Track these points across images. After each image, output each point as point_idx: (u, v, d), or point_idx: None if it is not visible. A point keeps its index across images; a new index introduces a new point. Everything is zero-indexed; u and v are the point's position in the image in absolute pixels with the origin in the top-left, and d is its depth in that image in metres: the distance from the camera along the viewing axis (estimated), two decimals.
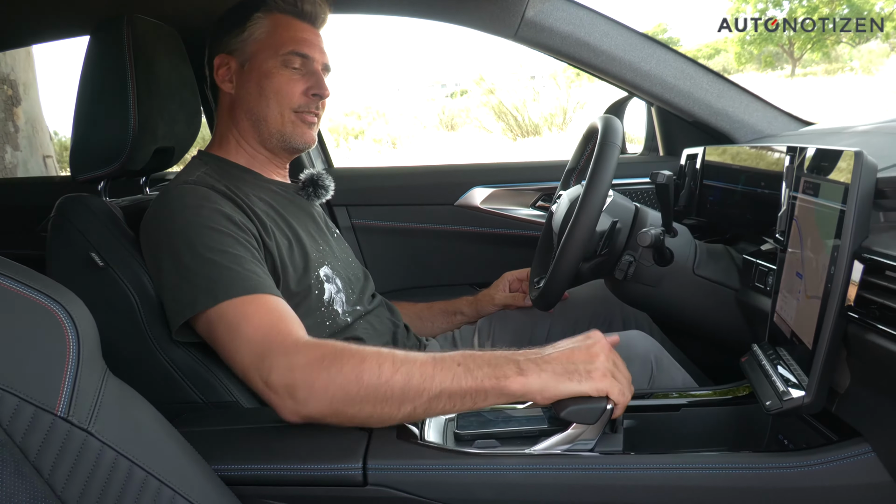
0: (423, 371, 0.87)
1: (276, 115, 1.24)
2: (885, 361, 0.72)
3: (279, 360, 0.91)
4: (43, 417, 0.66)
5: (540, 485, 0.85)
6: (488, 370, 0.87)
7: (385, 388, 0.87)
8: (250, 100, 1.24)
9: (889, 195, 0.83)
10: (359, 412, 0.88)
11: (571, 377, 0.86)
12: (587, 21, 1.52)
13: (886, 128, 1.12)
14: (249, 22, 1.24)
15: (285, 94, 1.23)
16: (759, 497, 0.83)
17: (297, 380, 0.89)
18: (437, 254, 1.92)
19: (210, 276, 1.01)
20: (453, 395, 0.87)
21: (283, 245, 1.17)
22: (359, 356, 0.89)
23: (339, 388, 0.87)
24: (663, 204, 1.20)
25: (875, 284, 0.75)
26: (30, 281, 0.69)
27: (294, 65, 1.23)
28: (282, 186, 1.32)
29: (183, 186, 1.12)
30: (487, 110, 13.99)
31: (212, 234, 1.05)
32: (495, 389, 0.86)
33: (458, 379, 0.87)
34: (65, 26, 1.58)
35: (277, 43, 1.23)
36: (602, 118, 1.22)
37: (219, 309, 0.99)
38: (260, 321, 0.96)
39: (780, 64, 26.74)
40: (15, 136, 3.65)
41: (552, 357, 0.88)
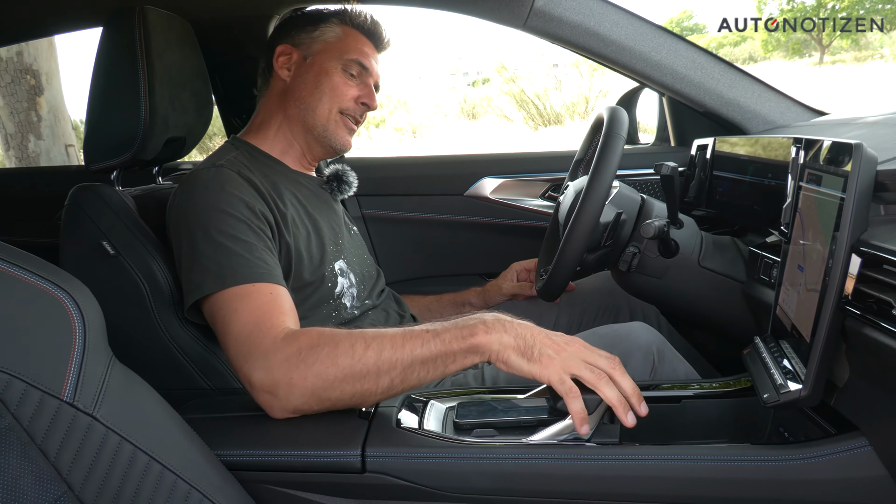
0: (393, 343, 0.91)
1: (325, 110, 1.29)
2: (882, 356, 0.72)
3: (259, 362, 0.94)
4: (49, 402, 0.68)
5: (535, 474, 0.86)
6: (455, 331, 0.91)
7: (360, 365, 0.90)
8: (304, 90, 1.29)
9: (890, 188, 0.82)
10: (341, 394, 0.91)
11: (523, 353, 0.89)
12: (597, 10, 1.51)
13: (894, 119, 1.11)
14: (324, 24, 1.32)
15: (339, 93, 1.29)
16: (753, 489, 0.84)
17: (276, 378, 0.92)
18: (446, 244, 1.92)
19: (220, 261, 1.04)
20: (426, 361, 0.90)
21: (302, 235, 1.21)
22: (332, 341, 0.92)
23: (317, 377, 0.91)
24: (668, 195, 1.19)
25: (873, 278, 0.75)
26: (37, 269, 0.72)
27: (352, 71, 1.30)
28: (308, 179, 1.36)
29: (210, 169, 1.15)
30: (509, 99, 13.91)
31: (227, 218, 1.08)
32: (462, 349, 0.90)
33: (427, 344, 0.90)
34: (79, 18, 1.61)
35: (343, 49, 1.30)
36: (608, 109, 1.22)
37: (219, 297, 1.02)
38: (248, 317, 0.99)
39: (808, 51, 26.26)
40: (38, 126, 3.72)
41: (522, 329, 0.92)
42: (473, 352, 0.90)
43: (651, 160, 1.77)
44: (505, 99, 14.15)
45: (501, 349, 0.89)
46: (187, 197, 1.13)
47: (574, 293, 1.51)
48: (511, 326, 0.92)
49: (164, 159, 1.35)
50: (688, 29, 46.69)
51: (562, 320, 1.48)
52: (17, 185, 2.24)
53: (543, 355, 0.89)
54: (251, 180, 1.16)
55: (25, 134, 3.62)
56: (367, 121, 12.44)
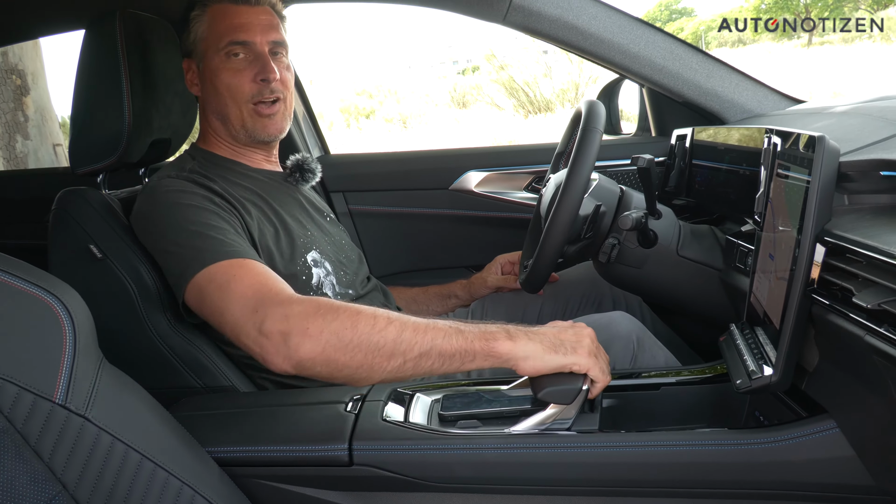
0: (416, 327, 0.90)
1: (236, 112, 1.25)
2: (846, 341, 0.75)
3: (274, 310, 0.92)
4: (42, 405, 0.70)
5: (516, 463, 0.89)
6: (478, 332, 0.90)
7: (378, 337, 0.89)
8: (212, 100, 1.26)
9: (853, 178, 0.85)
10: (350, 360, 0.89)
11: (557, 350, 0.90)
12: (575, 4, 1.52)
13: (865, 108, 1.13)
14: (191, 22, 1.25)
15: (235, 87, 1.22)
16: (727, 472, 0.87)
17: (292, 326, 0.90)
18: (432, 237, 1.95)
19: (196, 246, 1.05)
20: (443, 354, 0.89)
21: (269, 232, 1.21)
22: (354, 309, 0.92)
23: (333, 334, 0.89)
24: (646, 187, 1.22)
25: (836, 267, 0.77)
26: (27, 275, 0.74)
27: (236, 53, 1.22)
28: (269, 175, 1.35)
29: (165, 180, 1.17)
30: (499, 87, 13.89)
31: (195, 210, 1.10)
32: (483, 350, 0.90)
33: (450, 338, 0.89)
34: (60, 21, 1.62)
35: (217, 36, 1.22)
36: (586, 103, 1.24)
37: (207, 272, 1.01)
38: (251, 280, 0.98)
39: (796, 33, 26.28)
40: (25, 126, 3.71)
41: (542, 331, 0.93)
42: (493, 356, 0.90)
43: (632, 150, 1.79)
44: (495, 87, 14.12)
45: (529, 356, 0.89)
46: (149, 202, 1.14)
47: (557, 284, 1.54)
48: (535, 334, 0.92)
49: (151, 160, 1.36)
50: (676, 12, 46.58)
51: (546, 311, 1.50)
52: (5, 187, 2.24)
53: (576, 346, 0.91)
54: (210, 187, 1.17)
55: (13, 134, 3.62)
56: (357, 112, 12.21)
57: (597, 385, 0.92)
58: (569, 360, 0.89)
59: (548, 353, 0.90)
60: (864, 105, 1.17)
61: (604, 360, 0.94)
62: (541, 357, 0.89)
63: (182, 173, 1.20)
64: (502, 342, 0.90)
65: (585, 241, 1.26)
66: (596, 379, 0.91)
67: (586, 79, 12.36)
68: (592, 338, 0.94)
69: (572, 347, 0.91)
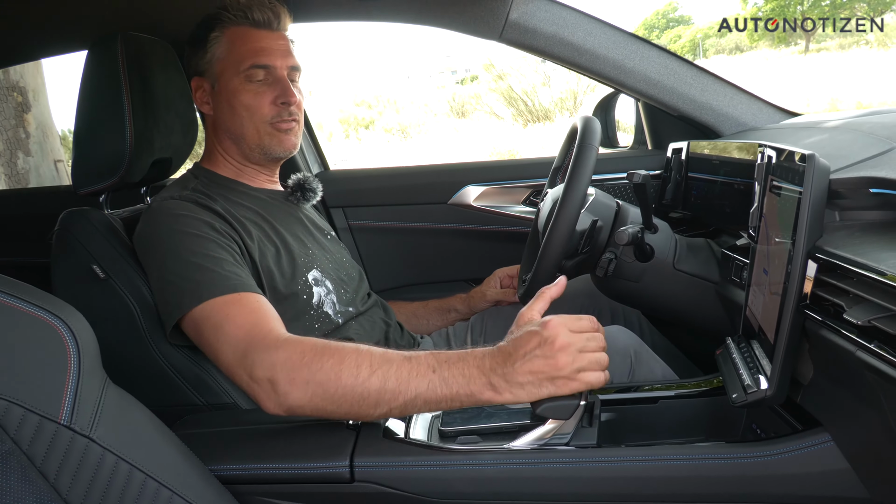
0: (398, 375, 0.89)
1: (252, 132, 1.27)
2: (839, 356, 0.76)
3: (261, 356, 0.94)
4: (47, 426, 0.71)
5: (516, 478, 0.90)
6: (462, 381, 0.88)
7: (361, 389, 0.89)
8: (226, 120, 1.28)
9: (844, 195, 0.86)
10: (337, 409, 0.91)
11: (541, 388, 0.87)
12: (570, 21, 1.54)
13: (856, 123, 1.15)
14: (209, 43, 1.27)
15: (255, 108, 1.26)
16: (724, 485, 0.88)
17: (279, 374, 0.92)
18: (432, 251, 1.96)
19: (193, 279, 1.06)
20: (429, 401, 0.89)
21: (270, 252, 1.22)
22: (338, 355, 0.92)
23: (318, 385, 0.90)
24: (642, 202, 1.23)
25: (828, 283, 0.78)
26: (31, 298, 0.75)
27: (258, 77, 1.25)
28: (270, 194, 1.36)
29: (168, 202, 1.18)
30: (497, 96, 13.94)
31: (194, 239, 1.11)
32: (469, 399, 0.89)
33: (434, 388, 0.89)
34: (63, 43, 1.64)
35: (237, 59, 1.25)
36: (582, 119, 1.26)
37: (203, 309, 1.03)
38: (242, 320, 1.00)
39: (793, 39, 26.38)
40: (26, 142, 3.73)
41: (517, 372, 0.87)
42: (480, 404, 0.90)
43: (629, 164, 1.81)
44: (494, 96, 14.17)
45: (517, 400, 0.88)
46: (151, 225, 1.15)
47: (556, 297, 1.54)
48: (511, 376, 0.87)
49: (152, 179, 1.38)
50: (674, 20, 46.79)
51: None
52: (8, 205, 2.26)
53: (556, 379, 0.86)
54: (212, 208, 1.18)
55: (14, 151, 3.64)
56: (357, 123, 12.25)
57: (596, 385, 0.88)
58: (559, 392, 0.87)
59: (533, 395, 0.87)
60: (856, 120, 1.18)
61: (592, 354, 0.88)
62: (527, 398, 0.88)
63: (184, 192, 1.21)
64: (486, 393, 0.88)
65: (583, 256, 1.27)
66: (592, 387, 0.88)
67: (585, 87, 12.41)
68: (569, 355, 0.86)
69: (551, 381, 0.86)
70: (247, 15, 1.26)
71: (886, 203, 0.82)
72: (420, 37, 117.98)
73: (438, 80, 31.94)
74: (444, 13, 1.58)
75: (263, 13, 1.27)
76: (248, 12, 1.26)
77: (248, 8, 1.26)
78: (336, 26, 1.38)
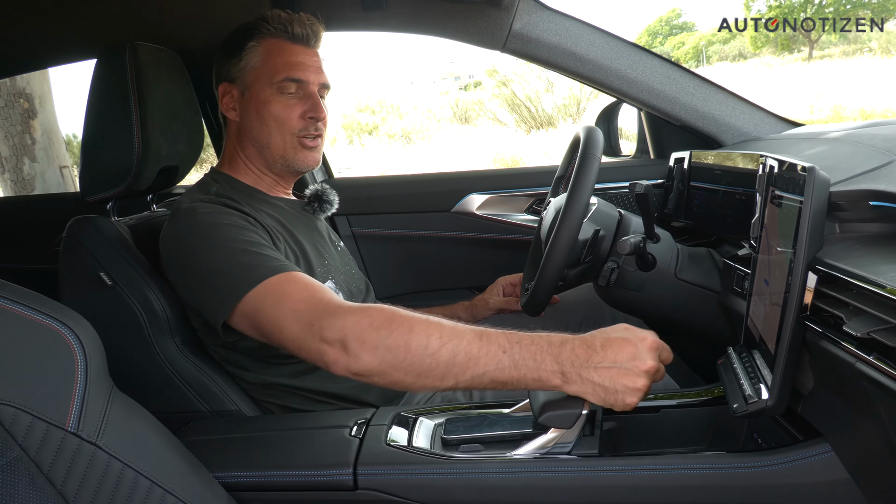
0: (468, 351, 0.90)
1: (279, 142, 1.29)
2: (838, 367, 0.76)
3: (330, 321, 0.94)
4: (55, 433, 0.72)
5: (517, 486, 0.90)
6: (532, 364, 0.90)
7: (431, 360, 0.90)
8: (253, 128, 1.29)
9: (844, 207, 0.87)
10: (404, 377, 0.91)
11: (607, 397, 0.89)
12: (574, 31, 1.56)
13: (857, 135, 1.15)
14: (244, 51, 1.28)
15: (284, 120, 1.27)
16: (726, 495, 0.88)
17: (350, 336, 0.92)
18: (435, 259, 1.97)
19: (244, 263, 1.06)
20: (495, 380, 0.90)
21: (291, 260, 1.23)
22: (407, 323, 0.92)
23: (388, 351, 0.90)
24: (644, 212, 1.24)
25: (828, 294, 0.79)
26: (39, 306, 0.76)
27: (290, 90, 1.27)
28: (288, 203, 1.38)
29: (197, 203, 1.18)
30: (501, 102, 13.97)
31: (234, 230, 1.12)
32: (536, 383, 0.91)
33: (503, 368, 0.90)
34: (72, 52, 1.65)
35: (272, 70, 1.26)
36: (584, 129, 1.27)
37: (259, 290, 1.03)
38: (301, 293, 1.00)
39: (797, 46, 26.41)
40: (32, 149, 3.76)
41: (598, 368, 0.89)
42: (543, 387, 0.91)
43: (631, 173, 1.82)
44: (497, 102, 14.21)
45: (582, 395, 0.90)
46: (185, 224, 1.15)
47: (558, 306, 1.55)
48: (587, 371, 0.89)
49: (159, 187, 1.39)
50: (677, 27, 46.86)
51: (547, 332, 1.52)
52: (16, 212, 2.28)
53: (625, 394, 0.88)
54: (239, 209, 1.19)
55: (20, 157, 3.67)
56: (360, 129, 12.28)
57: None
58: (615, 405, 0.89)
59: (597, 398, 0.89)
60: (856, 132, 1.19)
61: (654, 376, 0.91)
62: (590, 398, 0.89)
63: (209, 196, 1.22)
64: (556, 383, 0.90)
65: (585, 265, 1.28)
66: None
67: (588, 94, 12.42)
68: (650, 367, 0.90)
69: (622, 393, 0.88)
70: (287, 29, 1.28)
71: (886, 216, 0.82)
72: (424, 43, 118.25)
73: (442, 86, 32.00)
74: (447, 24, 1.60)
75: (304, 29, 1.29)
76: (289, 26, 1.28)
77: (290, 22, 1.28)
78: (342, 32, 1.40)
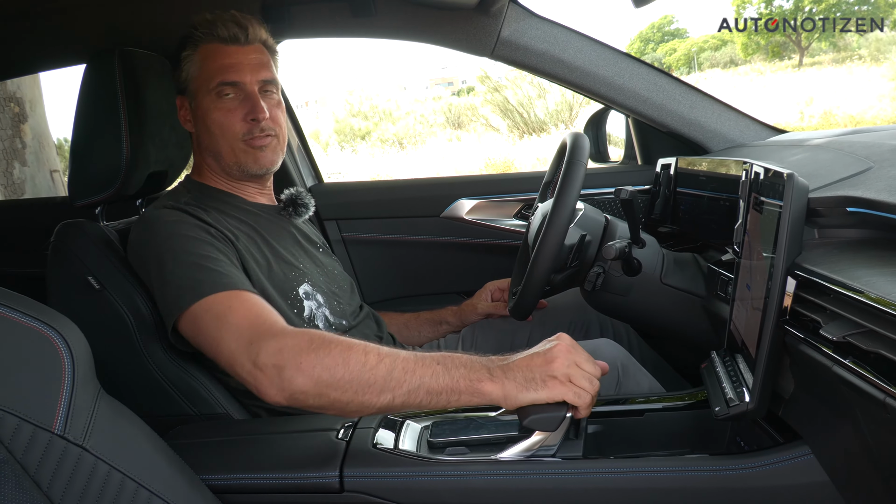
0: (405, 365, 0.93)
1: (227, 149, 1.27)
2: (816, 371, 0.78)
3: (268, 343, 0.95)
4: (41, 435, 0.73)
5: (502, 489, 0.91)
6: (464, 371, 0.93)
7: (369, 374, 0.92)
8: (204, 138, 1.28)
9: (822, 213, 0.88)
10: (341, 396, 0.92)
11: (529, 386, 0.92)
12: (561, 38, 1.57)
13: (838, 142, 1.17)
14: (182, 62, 1.27)
15: (226, 126, 1.25)
16: (707, 497, 0.89)
17: (286, 359, 0.93)
18: (424, 264, 1.98)
19: (194, 276, 1.07)
20: (431, 391, 0.93)
21: (262, 265, 1.24)
22: (345, 344, 0.95)
23: (325, 369, 0.92)
24: (629, 217, 1.25)
25: (806, 299, 0.80)
26: (26, 309, 0.76)
27: (227, 93, 1.24)
28: (262, 208, 1.37)
29: (161, 210, 1.19)
30: (493, 108, 13.99)
31: (192, 241, 1.12)
32: (469, 389, 0.93)
33: (437, 376, 0.93)
34: (61, 57, 1.66)
35: (207, 76, 1.24)
36: (571, 135, 1.28)
37: (204, 303, 1.04)
38: (246, 312, 1.02)
39: (787, 53, 26.58)
40: (23, 153, 3.76)
41: (516, 365, 0.94)
42: (478, 395, 0.93)
43: (619, 179, 1.83)
44: (489, 108, 14.23)
45: (507, 396, 0.92)
46: (147, 231, 1.16)
47: (546, 310, 1.56)
48: (508, 370, 0.94)
49: (148, 192, 1.40)
50: (669, 34, 47.08)
51: (535, 337, 1.53)
52: (5, 216, 2.27)
53: (547, 379, 0.92)
54: (204, 220, 1.19)
55: (10, 161, 3.66)
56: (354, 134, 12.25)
57: (578, 410, 0.93)
58: (540, 395, 0.92)
59: (521, 392, 0.92)
60: (838, 139, 1.21)
61: (585, 379, 0.93)
62: (515, 396, 0.92)
63: (178, 204, 1.22)
64: (486, 383, 0.92)
65: (572, 270, 1.29)
66: (573, 403, 0.92)
67: (581, 100, 12.45)
68: (566, 356, 0.94)
69: (542, 380, 0.92)
70: (213, 31, 1.24)
71: (863, 221, 0.84)
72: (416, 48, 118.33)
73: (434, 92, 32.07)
74: (436, 30, 1.61)
75: (229, 28, 1.25)
76: (215, 28, 1.24)
77: (214, 24, 1.24)
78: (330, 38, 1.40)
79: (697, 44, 37.09)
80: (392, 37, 1.67)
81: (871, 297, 0.66)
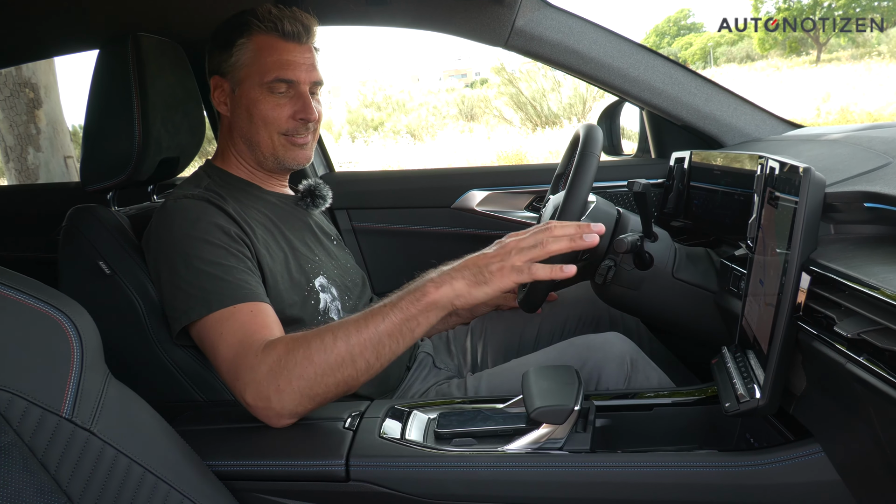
0: (357, 326, 0.98)
1: (267, 140, 1.28)
2: (830, 368, 0.77)
3: (247, 378, 0.99)
4: (49, 419, 0.73)
5: (508, 481, 0.91)
6: (409, 297, 0.98)
7: (333, 356, 0.97)
8: (243, 125, 1.28)
9: (839, 209, 0.87)
10: (327, 388, 0.98)
11: (479, 280, 0.98)
12: (576, 29, 1.56)
13: (855, 137, 1.15)
14: (234, 47, 1.26)
15: (272, 119, 1.26)
16: (715, 493, 0.89)
17: (266, 389, 0.98)
18: (434, 255, 1.95)
19: (203, 287, 1.08)
20: (392, 333, 0.98)
21: (279, 257, 1.24)
22: (304, 342, 0.99)
23: (299, 378, 0.97)
24: (642, 211, 1.24)
25: (820, 295, 0.79)
26: (37, 293, 0.77)
27: (280, 90, 1.25)
28: (281, 198, 1.37)
29: (182, 201, 1.18)
30: (507, 100, 13.94)
31: (207, 246, 1.12)
32: (420, 309, 0.98)
33: (388, 317, 0.98)
34: (75, 42, 1.66)
35: (262, 69, 1.24)
36: (584, 127, 1.27)
37: (208, 319, 1.07)
38: (232, 337, 1.04)
39: (805, 49, 26.32)
40: (37, 138, 3.78)
41: (461, 266, 1.00)
42: (431, 308, 0.98)
43: (632, 172, 1.82)
44: (503, 100, 14.18)
45: (458, 295, 0.97)
46: (164, 227, 1.16)
47: (556, 303, 1.56)
48: (456, 271, 0.99)
49: (159, 178, 1.40)
50: (685, 27, 46.74)
51: (544, 329, 1.52)
52: (18, 201, 2.29)
53: (494, 271, 0.97)
54: (223, 208, 1.18)
55: (25, 146, 3.69)
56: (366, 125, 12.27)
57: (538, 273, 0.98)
58: (491, 287, 0.97)
59: (472, 288, 0.97)
60: (856, 134, 1.19)
61: (528, 251, 0.98)
62: (468, 292, 0.97)
63: (197, 191, 1.21)
64: (432, 293, 0.97)
65: (582, 263, 1.28)
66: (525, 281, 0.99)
67: (594, 93, 12.38)
68: (506, 249, 0.99)
69: (489, 274, 0.97)
70: (277, 26, 1.24)
71: (880, 218, 0.82)
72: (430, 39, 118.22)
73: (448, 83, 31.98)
74: (449, 19, 1.60)
75: (294, 25, 1.25)
76: (279, 23, 1.24)
77: (280, 19, 1.24)
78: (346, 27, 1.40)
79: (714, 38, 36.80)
80: (406, 25, 1.66)
81: (888, 294, 0.65)
